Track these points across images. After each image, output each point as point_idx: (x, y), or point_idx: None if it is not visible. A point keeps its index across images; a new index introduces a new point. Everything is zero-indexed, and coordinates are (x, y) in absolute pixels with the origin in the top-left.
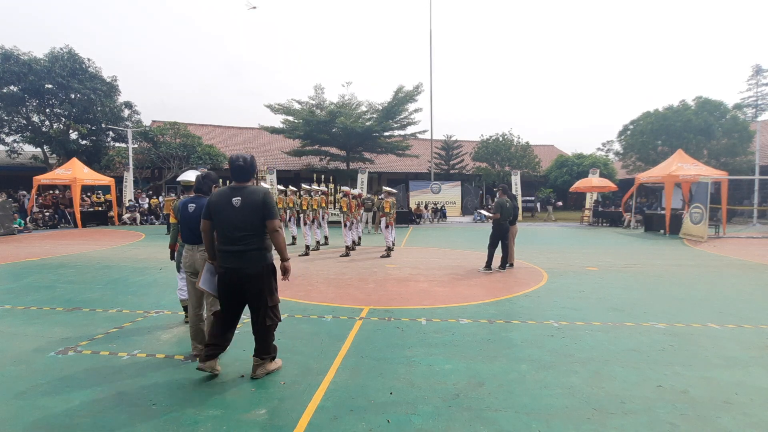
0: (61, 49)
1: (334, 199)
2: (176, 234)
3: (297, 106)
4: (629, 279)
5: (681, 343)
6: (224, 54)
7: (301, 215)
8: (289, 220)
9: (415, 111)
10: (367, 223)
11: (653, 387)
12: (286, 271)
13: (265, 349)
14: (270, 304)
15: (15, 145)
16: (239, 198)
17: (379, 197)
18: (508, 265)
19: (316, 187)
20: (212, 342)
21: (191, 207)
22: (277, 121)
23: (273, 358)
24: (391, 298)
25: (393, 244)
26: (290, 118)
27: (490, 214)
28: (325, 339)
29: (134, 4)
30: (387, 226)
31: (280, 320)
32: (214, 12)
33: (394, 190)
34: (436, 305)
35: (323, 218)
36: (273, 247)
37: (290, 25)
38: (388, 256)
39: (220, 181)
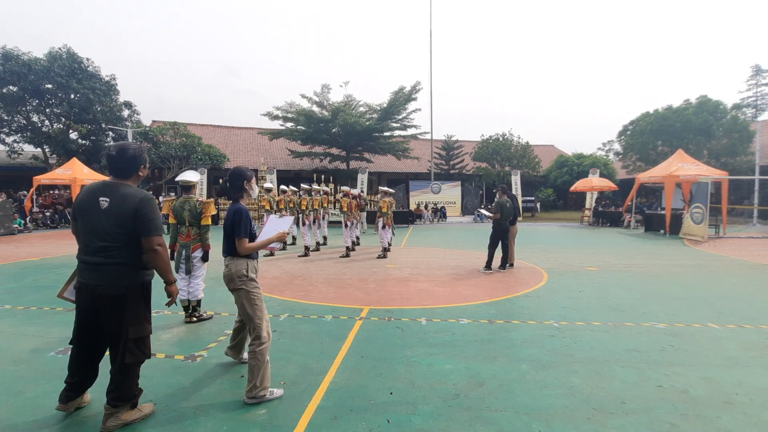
0: (60, 48)
1: (335, 199)
2: (176, 234)
3: (299, 105)
4: (629, 279)
5: (681, 343)
6: (224, 54)
7: (301, 215)
8: None
9: (414, 111)
10: (361, 223)
11: (653, 387)
12: (170, 295)
13: (120, 394)
14: (132, 335)
15: (15, 145)
16: (107, 199)
17: (378, 197)
18: (508, 265)
19: (317, 187)
20: (69, 380)
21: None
22: (276, 123)
23: (134, 405)
24: (391, 298)
25: (389, 245)
26: (290, 121)
27: (490, 214)
28: (325, 339)
29: (134, 4)
30: (384, 227)
31: (147, 356)
32: (215, 12)
33: (391, 190)
34: (436, 305)
35: (323, 218)
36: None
37: (291, 25)
38: (384, 257)
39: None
